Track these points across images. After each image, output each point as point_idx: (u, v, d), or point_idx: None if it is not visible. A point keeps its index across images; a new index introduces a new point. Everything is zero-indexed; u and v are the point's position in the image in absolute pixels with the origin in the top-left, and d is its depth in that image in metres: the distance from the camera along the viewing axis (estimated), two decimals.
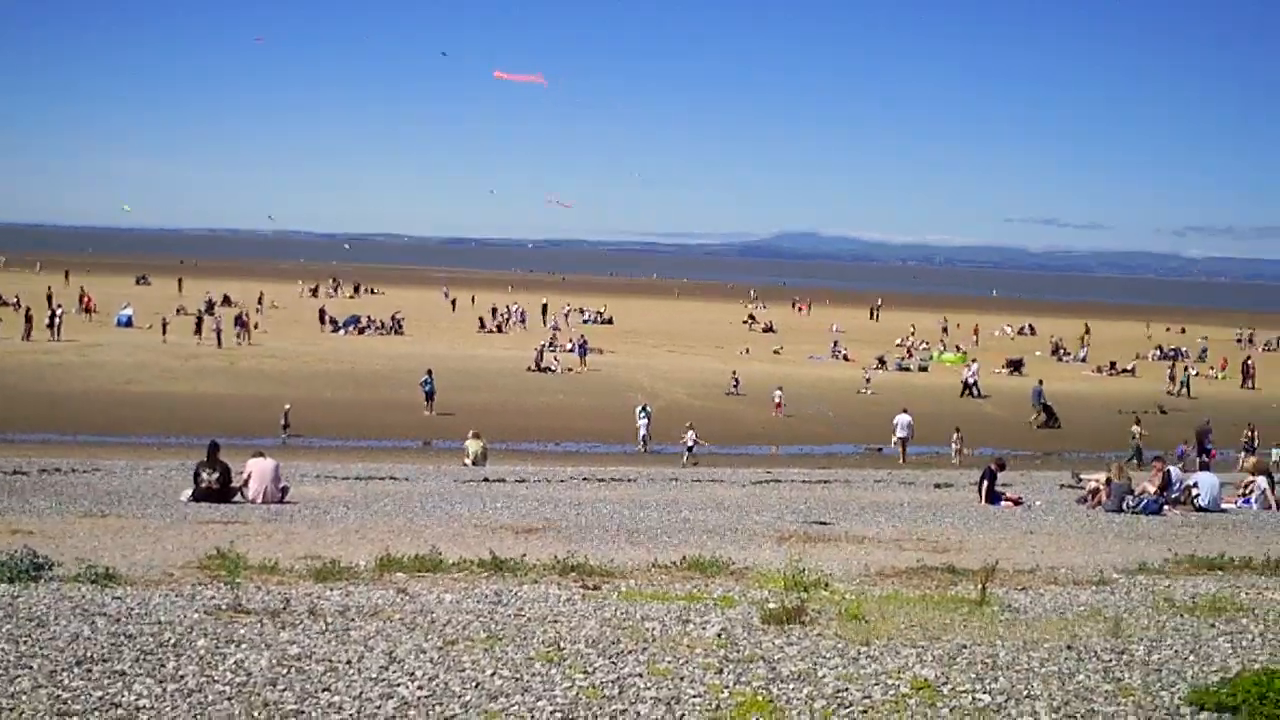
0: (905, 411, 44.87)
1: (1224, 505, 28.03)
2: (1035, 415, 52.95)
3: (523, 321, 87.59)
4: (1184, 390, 64.01)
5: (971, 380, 60.65)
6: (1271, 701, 7.61)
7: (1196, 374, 68.66)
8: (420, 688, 8.15)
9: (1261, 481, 29.03)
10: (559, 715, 7.60)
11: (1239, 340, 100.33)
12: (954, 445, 43.92)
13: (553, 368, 62.91)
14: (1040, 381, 56.91)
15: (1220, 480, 29.68)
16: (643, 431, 43.66)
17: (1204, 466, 31.48)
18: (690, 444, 42.11)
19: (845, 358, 72.38)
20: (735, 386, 56.44)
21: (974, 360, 67.92)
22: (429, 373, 49.90)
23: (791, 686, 8.29)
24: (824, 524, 22.81)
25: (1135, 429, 44.68)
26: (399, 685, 8.21)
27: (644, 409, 44.63)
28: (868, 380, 60.16)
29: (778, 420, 50.87)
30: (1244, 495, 29.12)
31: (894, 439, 44.44)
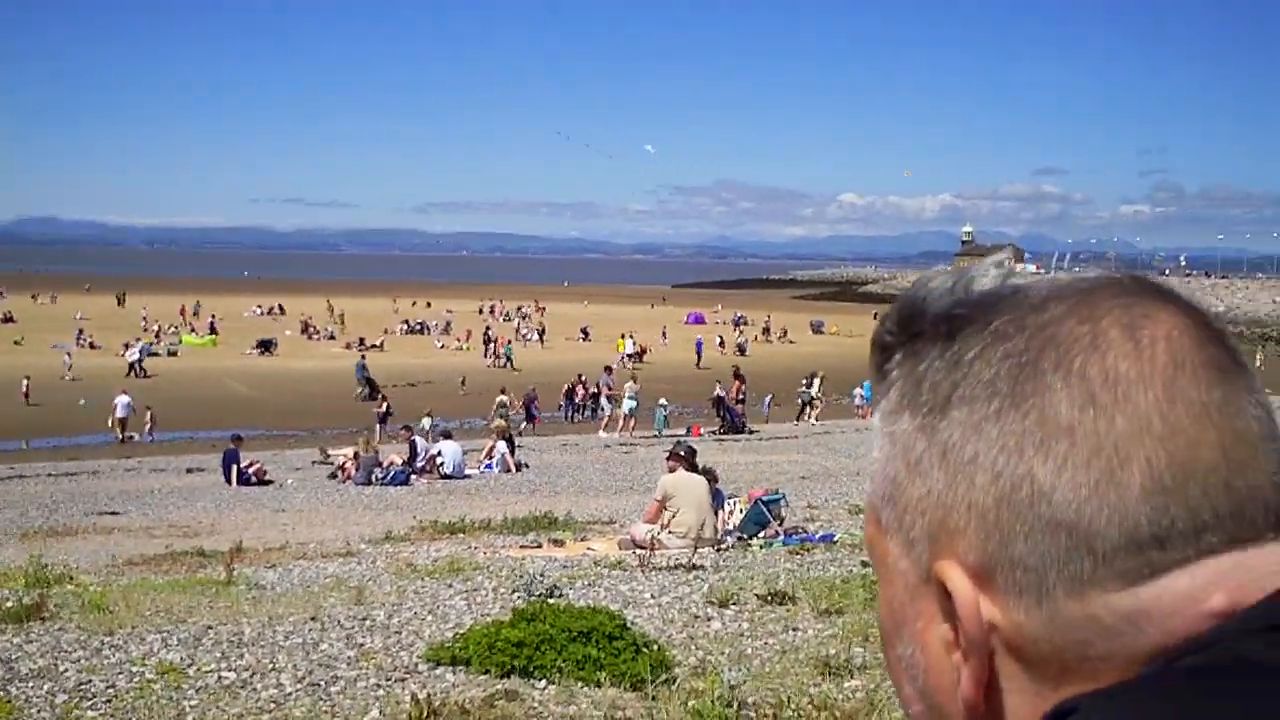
0: (125, 393, 44.80)
1: (468, 471, 29.65)
2: (359, 389, 54.48)
3: None
4: (508, 363, 66.51)
5: (134, 359, 60.45)
6: (499, 650, 8.21)
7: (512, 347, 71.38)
8: None
9: (502, 445, 30.89)
10: None
11: (481, 312, 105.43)
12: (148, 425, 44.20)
13: None
14: (363, 356, 58.74)
15: (464, 447, 31.44)
16: None
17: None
18: None
19: (91, 345, 69.59)
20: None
21: (137, 339, 67.32)
22: None
23: (31, 685, 7.99)
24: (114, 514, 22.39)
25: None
26: None
27: None
28: (69, 367, 58.21)
29: (26, 411, 48.18)
30: (488, 460, 30.95)
31: (111, 420, 44.02)
